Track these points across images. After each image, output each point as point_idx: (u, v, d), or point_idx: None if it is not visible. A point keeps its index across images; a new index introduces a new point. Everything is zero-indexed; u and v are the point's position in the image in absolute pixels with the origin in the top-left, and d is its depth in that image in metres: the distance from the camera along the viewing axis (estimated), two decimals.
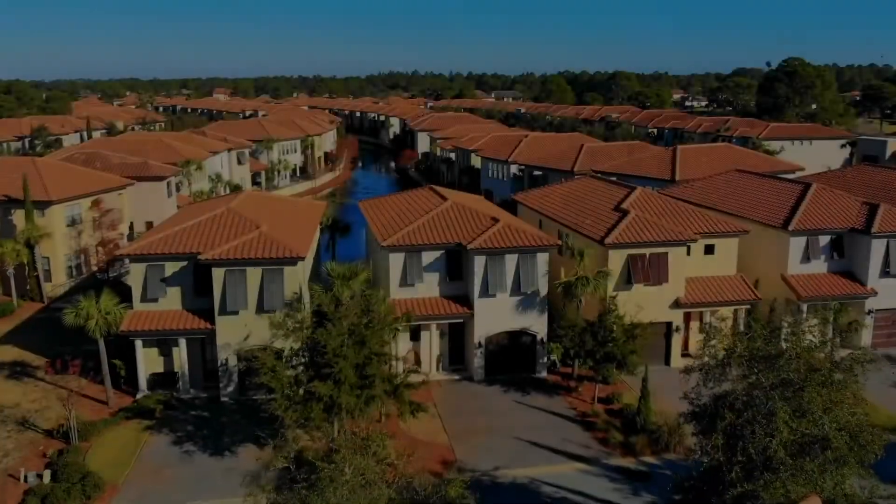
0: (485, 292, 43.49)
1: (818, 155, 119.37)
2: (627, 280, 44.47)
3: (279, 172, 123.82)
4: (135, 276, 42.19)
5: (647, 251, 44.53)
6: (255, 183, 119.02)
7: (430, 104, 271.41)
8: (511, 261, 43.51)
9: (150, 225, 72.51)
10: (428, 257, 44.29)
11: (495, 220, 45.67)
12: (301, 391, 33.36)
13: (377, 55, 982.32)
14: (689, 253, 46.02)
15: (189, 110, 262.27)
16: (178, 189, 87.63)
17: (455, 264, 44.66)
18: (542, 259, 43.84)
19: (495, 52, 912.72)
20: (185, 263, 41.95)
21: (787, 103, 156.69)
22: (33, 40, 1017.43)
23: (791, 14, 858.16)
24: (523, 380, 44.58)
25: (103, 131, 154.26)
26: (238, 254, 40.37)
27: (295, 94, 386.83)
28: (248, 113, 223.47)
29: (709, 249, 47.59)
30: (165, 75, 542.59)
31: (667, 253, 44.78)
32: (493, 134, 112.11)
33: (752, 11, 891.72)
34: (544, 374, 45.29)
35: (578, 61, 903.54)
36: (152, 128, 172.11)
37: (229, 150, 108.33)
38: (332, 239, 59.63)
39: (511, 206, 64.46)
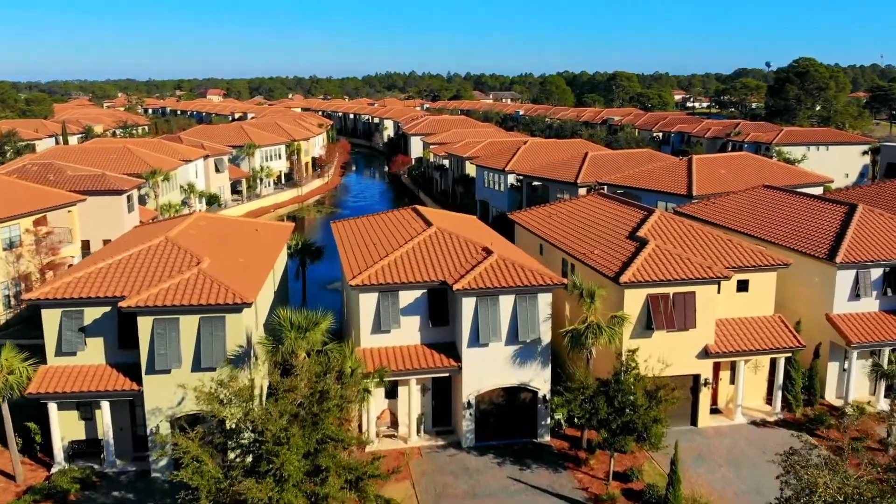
0: (475, 341, 35.88)
1: (836, 162, 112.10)
2: (647, 325, 36.89)
3: (262, 180, 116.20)
4: (48, 324, 34.52)
5: (670, 290, 36.93)
6: (235, 192, 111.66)
7: (426, 106, 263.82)
8: (506, 303, 35.90)
9: (107, 244, 65.36)
10: (406, 297, 36.70)
11: (487, 252, 38.09)
12: (232, 488, 25.76)
13: (375, 56, 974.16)
14: (718, 291, 38.48)
15: (178, 112, 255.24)
16: (144, 202, 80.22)
17: (439, 306, 37.06)
18: (544, 301, 36.23)
19: (494, 52, 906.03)
20: (108, 309, 34.33)
21: (798, 105, 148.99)
22: (31, 41, 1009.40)
23: (790, 14, 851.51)
24: (522, 447, 36.87)
25: (80, 136, 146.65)
26: (168, 300, 32.73)
27: (290, 95, 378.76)
28: (237, 115, 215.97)
29: (742, 286, 40.02)
30: (163, 76, 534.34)
31: (694, 293, 37.17)
32: (490, 140, 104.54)
33: (750, 11, 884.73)
34: (547, 437, 37.65)
35: (577, 61, 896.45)
36: (134, 131, 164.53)
37: (206, 157, 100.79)
38: (302, 265, 51.92)
39: (508, 225, 56.93)
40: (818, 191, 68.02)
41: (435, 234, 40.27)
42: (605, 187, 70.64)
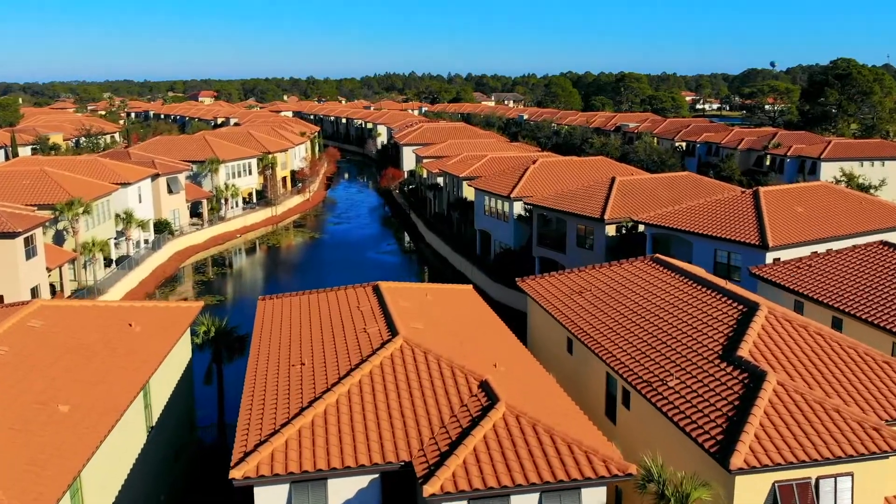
0: None
1: (891, 180, 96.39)
2: None
3: (227, 201, 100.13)
4: None
5: (812, 474, 20.88)
6: (195, 214, 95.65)
7: (424, 109, 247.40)
8: None
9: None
10: (341, 492, 20.60)
11: (488, 396, 21.97)
12: None
13: (373, 56, 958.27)
14: None
15: (162, 117, 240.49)
16: (61, 241, 64.35)
17: None
18: (594, 501, 20.14)
19: (494, 53, 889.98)
20: None
21: (838, 112, 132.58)
22: (30, 41, 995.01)
23: (791, 14, 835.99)
24: None
25: (33, 147, 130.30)
26: None
27: (285, 98, 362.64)
28: (219, 120, 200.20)
29: None
30: (160, 77, 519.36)
31: (851, 474, 21.12)
32: (492, 155, 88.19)
33: (753, 11, 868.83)
34: None
35: (580, 62, 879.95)
36: (98, 140, 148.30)
37: (155, 176, 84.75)
38: (216, 361, 35.66)
39: (515, 268, 40.49)
40: None
41: (400, 353, 24.10)
42: (641, 226, 54.77)
